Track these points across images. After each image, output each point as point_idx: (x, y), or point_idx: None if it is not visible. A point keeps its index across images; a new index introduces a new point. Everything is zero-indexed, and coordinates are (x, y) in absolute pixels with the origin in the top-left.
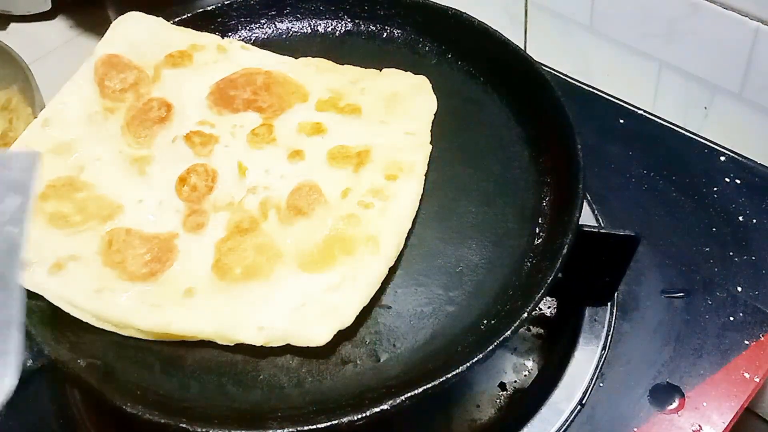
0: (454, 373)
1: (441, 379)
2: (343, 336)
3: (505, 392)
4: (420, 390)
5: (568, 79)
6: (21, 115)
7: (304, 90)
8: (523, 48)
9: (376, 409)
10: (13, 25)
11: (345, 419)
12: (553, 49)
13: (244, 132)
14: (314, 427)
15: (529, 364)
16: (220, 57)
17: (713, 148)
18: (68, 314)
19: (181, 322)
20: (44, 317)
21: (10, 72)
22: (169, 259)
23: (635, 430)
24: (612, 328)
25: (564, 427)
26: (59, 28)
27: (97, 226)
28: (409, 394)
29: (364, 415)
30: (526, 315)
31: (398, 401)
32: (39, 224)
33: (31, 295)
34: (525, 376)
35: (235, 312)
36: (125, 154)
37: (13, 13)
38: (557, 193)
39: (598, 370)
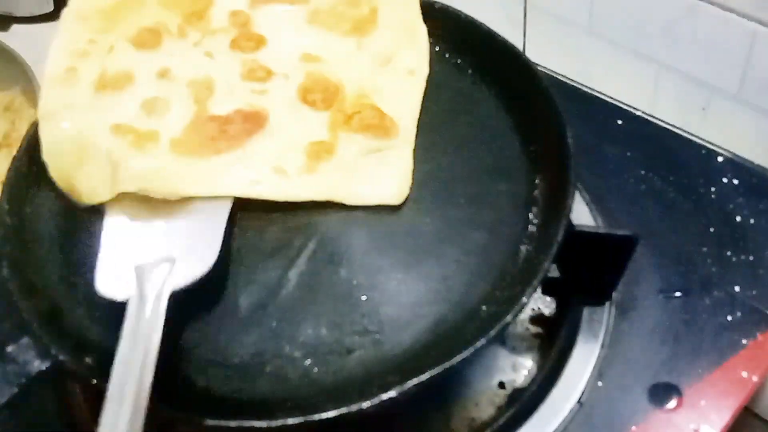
0: (459, 358)
1: (447, 365)
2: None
3: (504, 391)
4: (427, 376)
5: (567, 81)
6: (24, 116)
7: None
8: (522, 49)
9: (385, 397)
10: (15, 27)
11: (354, 408)
12: (552, 51)
13: None
14: (323, 416)
15: (528, 363)
16: None
17: (711, 149)
18: (73, 312)
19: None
20: (48, 317)
21: (12, 73)
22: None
23: (633, 428)
24: (610, 328)
25: (563, 426)
26: None
27: None
28: (416, 381)
29: (372, 403)
30: (525, 299)
31: (406, 388)
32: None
33: (32, 295)
34: (524, 375)
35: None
36: None
37: (15, 14)
38: (549, 180)
39: (596, 369)
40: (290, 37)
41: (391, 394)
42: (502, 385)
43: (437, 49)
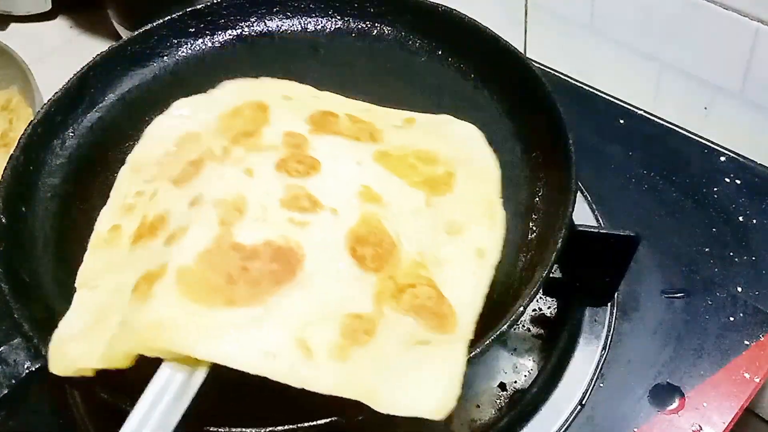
0: None
1: None
2: None
3: (505, 392)
4: None
5: (568, 80)
6: (21, 115)
7: None
8: (523, 48)
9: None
10: (13, 26)
11: (345, 416)
12: (553, 50)
13: None
14: (314, 423)
15: (529, 364)
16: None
17: (713, 148)
18: (65, 314)
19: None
20: (40, 319)
21: (10, 72)
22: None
23: (635, 430)
24: (612, 329)
25: (564, 428)
26: (59, 28)
27: None
28: None
29: (363, 413)
30: (522, 309)
31: None
32: None
33: (25, 296)
34: (525, 376)
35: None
36: None
37: (13, 13)
38: (550, 188)
39: (598, 371)
40: (350, 168)
41: None
42: (503, 386)
43: (439, 52)
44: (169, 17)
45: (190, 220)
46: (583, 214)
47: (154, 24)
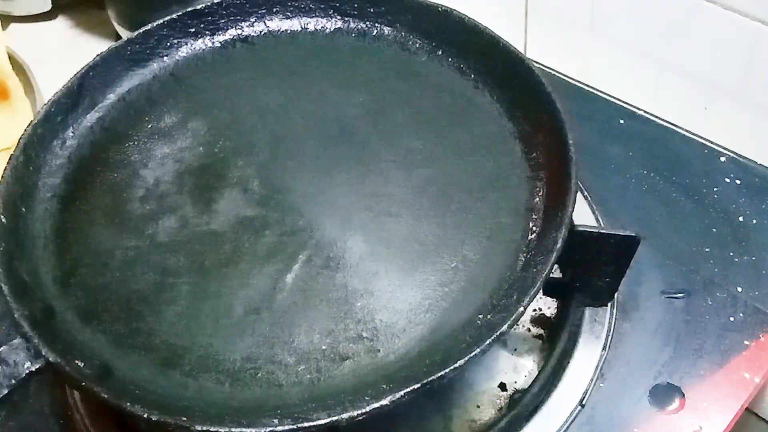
0: (452, 367)
1: (439, 374)
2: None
3: (505, 392)
4: (419, 385)
5: (568, 80)
6: None
7: None
8: (523, 48)
9: (376, 405)
10: (13, 26)
11: (345, 415)
12: (553, 50)
13: None
14: (314, 423)
15: (529, 364)
16: None
17: (713, 148)
18: (65, 314)
19: None
20: (40, 318)
21: None
22: None
23: (635, 430)
24: (612, 329)
25: (564, 428)
26: (59, 28)
27: None
28: (408, 389)
29: (363, 411)
30: (522, 309)
31: (397, 397)
32: None
33: (25, 296)
34: (525, 376)
35: None
36: None
37: (13, 13)
38: (550, 188)
39: (598, 371)
40: None
41: (383, 402)
42: (503, 386)
43: (439, 53)
44: (169, 17)
45: None
46: (583, 214)
47: (154, 24)
